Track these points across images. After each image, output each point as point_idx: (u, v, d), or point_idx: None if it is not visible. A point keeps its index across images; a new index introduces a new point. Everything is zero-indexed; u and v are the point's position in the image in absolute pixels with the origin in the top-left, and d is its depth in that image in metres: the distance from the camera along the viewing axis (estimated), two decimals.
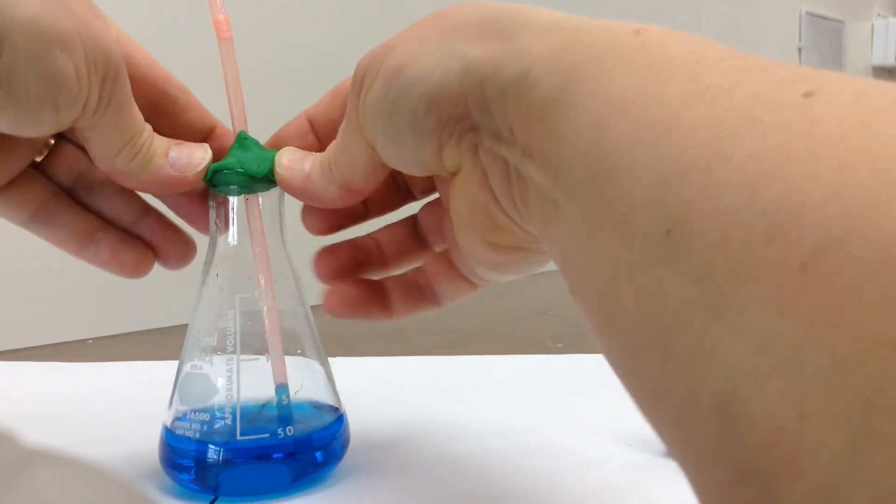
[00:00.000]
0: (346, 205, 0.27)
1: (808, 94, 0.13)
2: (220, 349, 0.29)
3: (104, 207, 0.30)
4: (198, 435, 0.29)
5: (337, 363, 0.33)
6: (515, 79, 0.20)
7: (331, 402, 0.31)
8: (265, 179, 0.28)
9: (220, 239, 0.30)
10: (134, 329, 0.69)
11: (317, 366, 0.31)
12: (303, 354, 0.31)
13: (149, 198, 0.31)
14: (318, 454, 0.30)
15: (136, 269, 0.30)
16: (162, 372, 0.32)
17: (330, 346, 0.32)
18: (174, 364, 0.31)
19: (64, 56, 0.23)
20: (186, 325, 0.30)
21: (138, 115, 0.26)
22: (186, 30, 0.75)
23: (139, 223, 0.30)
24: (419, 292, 0.30)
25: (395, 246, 0.30)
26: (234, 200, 0.29)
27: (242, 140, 0.29)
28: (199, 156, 0.28)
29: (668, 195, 0.14)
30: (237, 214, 0.29)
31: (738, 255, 0.13)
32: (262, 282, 0.29)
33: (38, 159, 0.29)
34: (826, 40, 1.68)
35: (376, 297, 0.29)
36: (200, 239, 0.31)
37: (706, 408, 0.13)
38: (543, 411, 0.40)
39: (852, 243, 0.11)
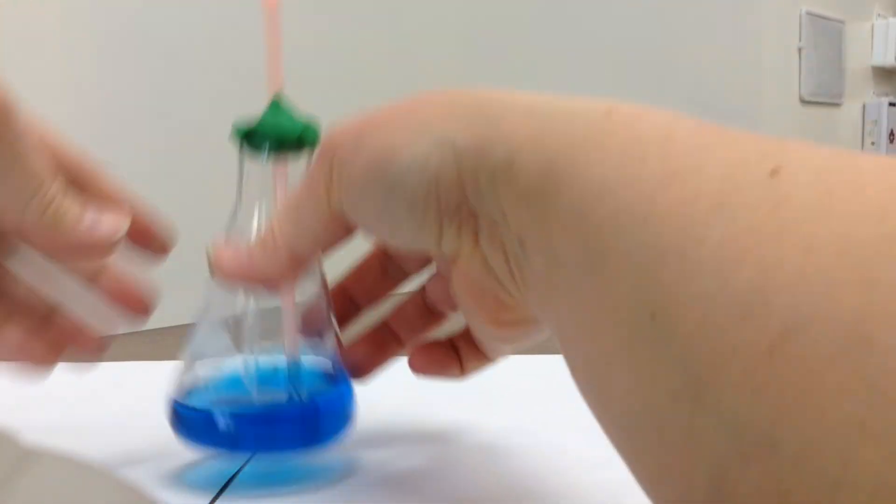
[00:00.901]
0: (288, 278, 0.27)
1: (773, 173, 0.14)
2: (241, 313, 0.29)
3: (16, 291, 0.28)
4: (220, 392, 0.29)
5: None
6: (503, 165, 0.20)
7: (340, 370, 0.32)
8: (296, 143, 0.28)
9: (245, 203, 0.30)
10: (134, 329, 0.69)
11: (330, 334, 0.31)
12: (317, 322, 0.31)
13: None
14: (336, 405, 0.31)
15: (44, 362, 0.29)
16: (162, 372, 0.32)
17: None
18: (174, 364, 0.31)
19: None
20: (187, 326, 0.30)
21: (44, 164, 0.25)
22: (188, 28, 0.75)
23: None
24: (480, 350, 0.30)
25: (408, 327, 0.31)
26: (256, 165, 0.29)
27: (277, 103, 0.29)
28: (120, 221, 0.26)
29: (650, 281, 0.15)
30: (263, 179, 0.29)
31: (713, 339, 0.13)
32: None
33: None
34: (826, 40, 1.68)
35: (451, 358, 0.30)
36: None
37: (702, 491, 0.13)
38: (545, 411, 0.40)
39: (815, 327, 0.12)
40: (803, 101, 1.64)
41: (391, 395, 0.44)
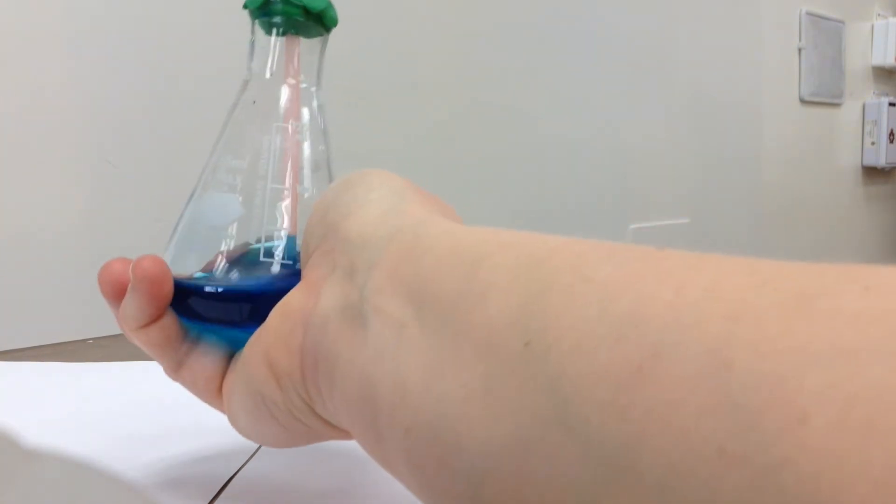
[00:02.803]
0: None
1: (658, 249, 0.15)
2: (251, 173, 0.28)
3: None
4: (239, 271, 0.27)
5: None
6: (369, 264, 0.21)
7: None
8: (317, 19, 0.28)
9: (258, 69, 0.29)
10: None
11: None
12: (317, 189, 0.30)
13: None
14: None
15: None
16: (162, 372, 0.32)
17: None
18: None
19: None
20: None
21: None
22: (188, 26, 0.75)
23: None
24: None
25: None
26: (276, 36, 0.29)
27: None
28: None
29: (533, 310, 0.15)
30: (279, 50, 0.29)
31: (585, 361, 0.13)
32: (292, 119, 0.29)
33: None
34: (826, 40, 1.68)
35: None
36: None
37: None
38: None
39: (681, 350, 0.12)
40: (803, 101, 1.63)
41: None
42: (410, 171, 0.95)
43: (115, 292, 0.26)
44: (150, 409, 0.39)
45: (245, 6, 0.29)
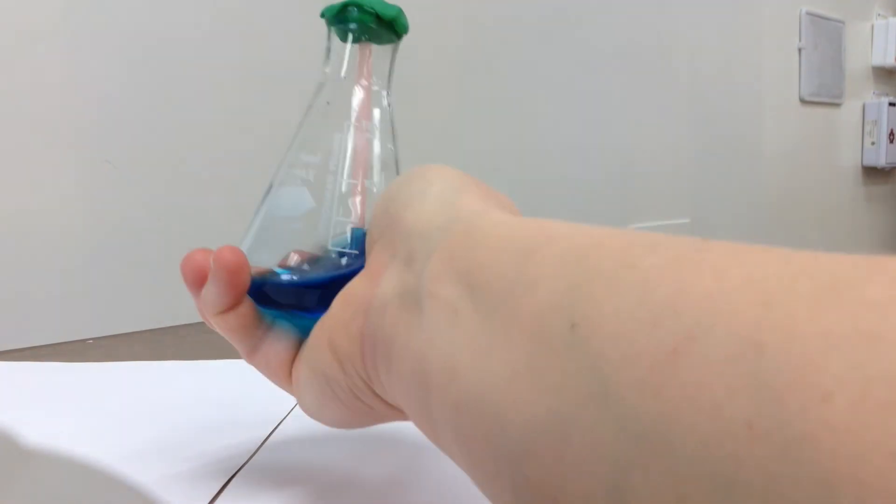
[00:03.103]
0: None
1: (702, 241, 0.16)
2: (323, 168, 0.29)
3: None
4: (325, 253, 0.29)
5: None
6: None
7: None
8: (389, 26, 0.30)
9: (332, 73, 0.31)
10: (134, 329, 0.70)
11: None
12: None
13: None
14: None
15: None
16: (162, 372, 0.32)
17: None
18: (174, 364, 0.31)
19: None
20: (187, 325, 0.30)
21: None
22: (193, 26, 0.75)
23: None
24: None
25: None
26: (350, 42, 0.30)
27: None
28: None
29: (579, 296, 0.16)
30: (353, 55, 0.31)
31: (624, 345, 0.14)
32: (364, 119, 0.30)
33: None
34: (826, 40, 1.68)
35: None
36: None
37: (601, 500, 0.14)
38: None
39: (715, 333, 0.13)
40: (803, 101, 1.64)
41: None
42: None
43: (197, 280, 0.28)
44: (149, 408, 0.39)
45: (322, 14, 0.31)
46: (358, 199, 0.30)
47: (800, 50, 1.61)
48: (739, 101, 1.45)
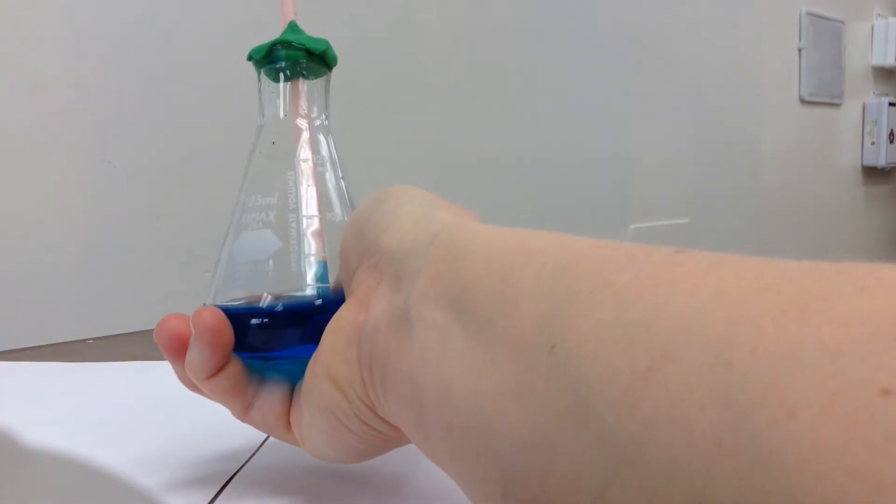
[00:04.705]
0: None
1: (677, 252, 0.16)
2: (282, 207, 0.29)
3: None
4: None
5: None
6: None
7: None
8: (319, 59, 0.30)
9: (270, 113, 0.31)
10: (134, 329, 0.70)
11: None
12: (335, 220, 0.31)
13: None
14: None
15: None
16: (162, 372, 0.32)
17: None
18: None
19: None
20: None
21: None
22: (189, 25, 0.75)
23: None
24: None
25: None
26: (283, 82, 0.30)
27: (294, 24, 0.30)
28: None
29: (558, 316, 0.16)
30: (288, 93, 0.30)
31: (601, 363, 0.14)
32: (311, 153, 0.30)
33: None
34: (826, 40, 1.68)
35: None
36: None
37: None
38: None
39: (687, 351, 0.13)
40: (803, 101, 1.63)
41: None
42: (411, 171, 0.95)
43: (176, 348, 0.28)
44: (149, 408, 0.39)
45: (249, 57, 0.31)
46: (319, 230, 0.29)
47: (800, 50, 1.61)
48: (739, 101, 1.45)
